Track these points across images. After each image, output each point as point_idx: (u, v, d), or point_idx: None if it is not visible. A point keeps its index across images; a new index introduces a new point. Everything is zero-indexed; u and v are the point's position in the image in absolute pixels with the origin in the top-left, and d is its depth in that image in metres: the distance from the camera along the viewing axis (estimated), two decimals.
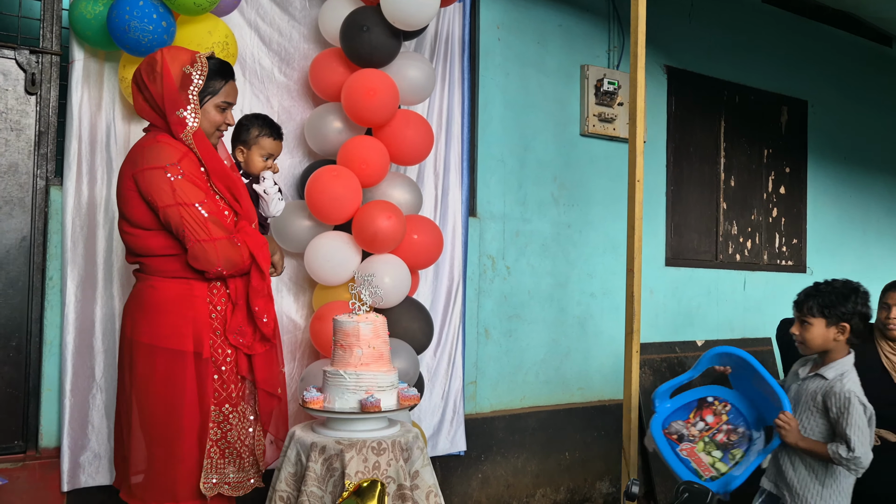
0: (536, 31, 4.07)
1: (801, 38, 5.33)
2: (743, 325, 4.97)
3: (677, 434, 2.49)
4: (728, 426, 2.44)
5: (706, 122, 4.86)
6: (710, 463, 2.43)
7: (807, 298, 2.34)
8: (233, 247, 2.22)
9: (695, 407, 2.54)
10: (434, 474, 2.40)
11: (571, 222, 4.19)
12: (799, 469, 2.29)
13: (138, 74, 2.27)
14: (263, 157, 2.67)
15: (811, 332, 2.31)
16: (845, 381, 2.27)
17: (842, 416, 2.23)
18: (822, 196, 5.51)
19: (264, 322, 2.29)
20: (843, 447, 2.23)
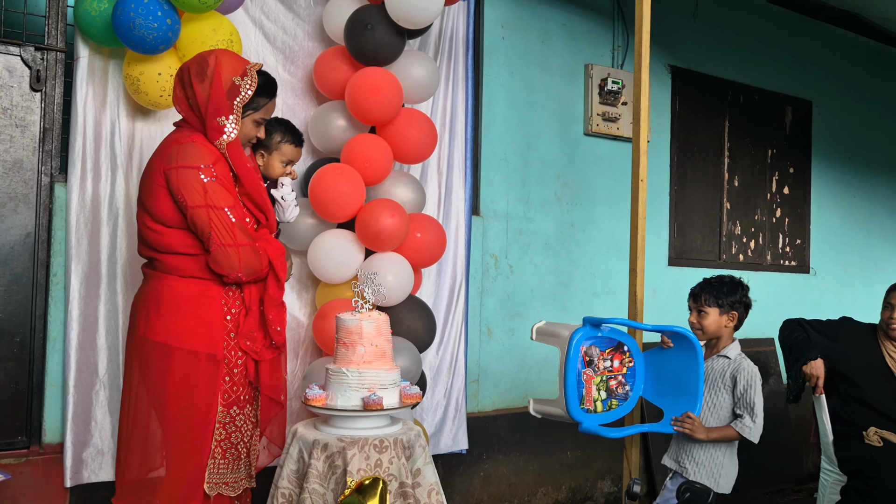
0: (540, 30, 4.07)
1: (806, 37, 5.32)
2: (746, 325, 4.91)
3: (590, 357, 2.55)
4: (622, 378, 2.59)
5: (710, 121, 4.85)
6: (594, 399, 2.54)
7: (702, 291, 2.65)
8: (255, 254, 2.23)
9: (613, 346, 2.60)
10: (436, 472, 2.40)
11: (575, 221, 4.19)
12: (705, 443, 2.55)
13: (186, 71, 2.27)
14: (283, 162, 2.67)
15: (707, 319, 2.61)
16: (745, 360, 2.57)
17: (749, 388, 2.52)
18: (826, 196, 5.49)
19: (277, 331, 2.30)
20: (747, 418, 2.51)
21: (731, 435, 2.53)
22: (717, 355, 2.62)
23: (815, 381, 3.05)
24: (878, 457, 2.93)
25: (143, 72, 2.63)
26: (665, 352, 2.64)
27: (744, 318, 2.66)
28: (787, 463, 4.76)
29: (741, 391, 2.53)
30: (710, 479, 2.55)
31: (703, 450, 2.56)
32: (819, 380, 3.05)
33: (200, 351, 2.22)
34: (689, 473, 2.58)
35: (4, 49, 2.71)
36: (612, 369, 2.59)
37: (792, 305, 5.11)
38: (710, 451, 2.55)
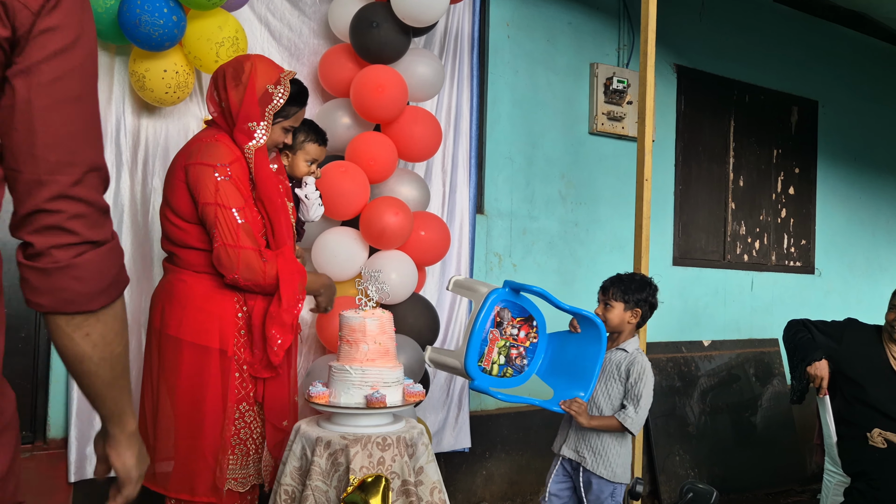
0: (546, 29, 4.06)
1: (813, 37, 5.30)
2: (750, 326, 4.95)
3: (500, 319, 2.56)
4: (523, 351, 2.61)
5: (715, 121, 4.84)
6: (493, 361, 2.55)
7: (612, 285, 2.69)
8: (256, 259, 2.21)
9: (525, 316, 2.62)
10: (438, 470, 2.40)
11: (579, 220, 4.18)
12: (601, 433, 2.59)
13: (222, 74, 2.30)
14: (308, 161, 2.65)
15: (612, 313, 2.66)
16: (642, 355, 2.64)
17: (640, 380, 2.57)
18: (832, 197, 5.48)
19: (274, 350, 2.28)
20: (630, 409, 2.54)
21: (612, 424, 2.55)
22: (616, 348, 2.66)
23: (819, 382, 3.05)
24: (882, 458, 2.92)
25: (149, 69, 2.63)
26: (567, 336, 2.67)
27: (647, 316, 2.70)
28: (791, 464, 4.75)
29: (632, 383, 2.57)
30: (607, 468, 2.57)
31: (600, 440, 2.58)
32: (823, 381, 3.04)
33: (211, 346, 2.24)
34: (587, 463, 2.59)
35: None
36: (518, 338, 2.60)
37: (796, 306, 5.10)
38: (606, 441, 2.58)
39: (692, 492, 2.58)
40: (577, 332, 2.64)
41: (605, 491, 2.58)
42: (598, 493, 2.58)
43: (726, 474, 4.42)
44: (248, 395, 2.33)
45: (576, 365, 2.60)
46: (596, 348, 2.57)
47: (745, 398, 4.71)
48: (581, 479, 2.63)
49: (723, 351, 4.72)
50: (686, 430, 4.39)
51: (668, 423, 4.35)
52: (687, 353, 4.58)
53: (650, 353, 4.29)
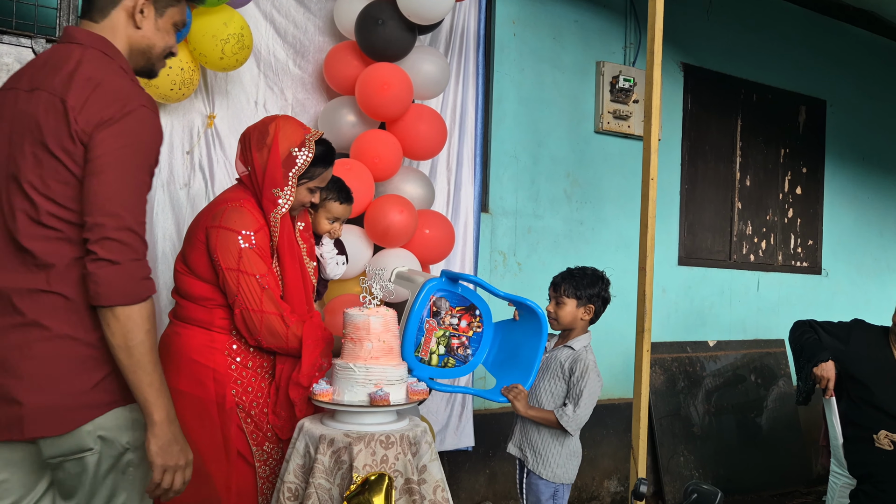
0: (552, 27, 4.05)
1: (821, 36, 5.27)
2: (756, 326, 4.93)
3: (437, 309, 2.52)
4: (466, 341, 2.57)
5: (722, 120, 4.81)
6: (431, 351, 2.51)
7: (563, 281, 2.61)
8: (279, 324, 2.22)
9: (466, 306, 2.58)
10: (442, 469, 2.39)
11: (584, 219, 4.17)
12: (542, 433, 2.55)
13: (248, 136, 2.29)
14: (330, 220, 2.61)
15: (564, 310, 2.60)
16: (589, 353, 2.57)
17: (581, 379, 2.52)
18: (839, 197, 5.44)
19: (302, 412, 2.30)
20: (570, 407, 2.50)
21: (549, 419, 2.51)
22: (564, 345, 2.61)
23: (826, 384, 3.03)
24: (889, 460, 2.90)
25: None
26: (512, 325, 2.61)
27: (601, 312, 2.63)
28: (797, 465, 4.73)
29: (574, 381, 2.53)
30: (546, 468, 2.54)
31: (540, 438, 2.56)
32: (829, 382, 3.02)
33: (208, 398, 2.24)
34: (529, 462, 2.57)
35: (16, 41, 2.71)
36: (459, 328, 2.56)
37: (803, 307, 5.07)
38: (546, 440, 2.55)
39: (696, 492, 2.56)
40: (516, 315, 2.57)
41: (544, 492, 2.54)
42: (538, 494, 2.55)
43: (731, 475, 4.41)
44: (268, 436, 2.33)
45: (519, 353, 2.55)
46: (537, 338, 2.50)
47: (751, 399, 4.69)
48: (524, 479, 2.60)
49: (728, 351, 4.70)
50: (691, 431, 4.38)
51: (673, 424, 4.33)
52: (692, 353, 4.57)
53: (655, 353, 4.27)
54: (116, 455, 1.57)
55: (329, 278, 2.68)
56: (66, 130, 1.47)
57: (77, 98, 1.49)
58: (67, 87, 1.50)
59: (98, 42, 1.58)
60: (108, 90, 1.52)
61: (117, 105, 1.49)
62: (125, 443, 1.57)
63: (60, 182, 1.49)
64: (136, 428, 1.58)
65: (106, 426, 1.54)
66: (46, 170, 1.49)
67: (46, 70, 1.56)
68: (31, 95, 1.54)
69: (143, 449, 1.57)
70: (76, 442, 1.52)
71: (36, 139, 1.50)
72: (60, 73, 1.53)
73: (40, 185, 1.49)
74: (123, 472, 1.59)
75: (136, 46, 1.65)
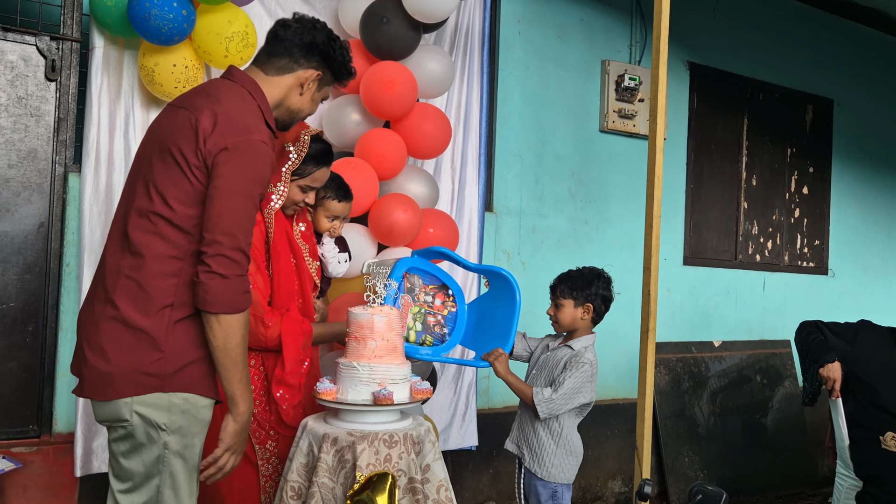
0: (557, 26, 4.03)
1: (828, 34, 5.24)
2: (762, 327, 4.90)
3: (411, 285, 2.53)
4: (441, 319, 2.58)
5: (728, 119, 4.79)
6: (409, 327, 2.52)
7: (559, 283, 2.60)
8: (256, 327, 2.20)
9: (439, 284, 2.59)
10: (445, 468, 2.38)
11: (588, 219, 4.15)
12: (538, 431, 2.54)
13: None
14: (329, 218, 2.59)
15: (563, 312, 2.58)
16: (589, 353, 2.55)
17: (568, 369, 2.50)
18: (846, 197, 5.41)
19: (284, 409, 2.27)
20: (549, 390, 2.48)
21: (525, 392, 2.50)
22: (564, 345, 2.60)
23: (832, 385, 3.01)
24: (895, 462, 2.88)
25: (158, 63, 2.63)
26: (484, 298, 2.64)
27: (602, 310, 2.60)
28: (802, 467, 4.71)
29: (563, 369, 2.51)
30: (541, 467, 2.54)
31: (536, 437, 2.55)
32: (836, 383, 3.00)
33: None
34: (525, 460, 2.57)
35: (20, 38, 2.71)
36: (433, 306, 2.58)
37: (809, 307, 5.04)
38: (543, 438, 2.54)
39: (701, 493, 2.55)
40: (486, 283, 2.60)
41: (542, 493, 2.53)
42: (537, 495, 2.54)
43: (736, 476, 4.39)
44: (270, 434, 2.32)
45: (496, 323, 2.57)
46: (511, 303, 2.53)
47: (756, 400, 4.66)
48: (522, 479, 2.59)
49: (734, 352, 4.68)
50: (695, 432, 4.36)
51: (678, 424, 4.31)
52: (697, 353, 4.55)
53: (659, 353, 4.26)
54: (153, 433, 1.73)
55: (333, 276, 2.68)
56: (193, 146, 1.73)
57: (208, 122, 1.75)
58: (203, 111, 1.76)
59: (248, 83, 1.89)
60: (236, 121, 1.77)
61: (240, 136, 1.75)
62: (162, 423, 1.73)
63: (172, 184, 1.73)
64: (174, 412, 1.74)
65: (145, 403, 1.72)
66: (166, 172, 1.74)
67: (197, 94, 1.85)
68: (177, 111, 1.81)
69: (183, 439, 1.76)
70: (115, 410, 1.72)
71: (166, 146, 1.76)
72: (205, 98, 1.81)
73: (158, 183, 1.74)
74: (160, 457, 1.75)
75: (291, 107, 1.98)
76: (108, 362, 1.71)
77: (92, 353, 1.73)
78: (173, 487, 1.77)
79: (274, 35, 1.98)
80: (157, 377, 1.72)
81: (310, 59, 1.96)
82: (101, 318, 1.73)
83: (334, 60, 2.01)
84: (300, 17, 2.04)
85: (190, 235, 1.74)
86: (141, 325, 1.70)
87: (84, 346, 1.76)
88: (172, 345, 1.73)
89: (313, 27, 2.00)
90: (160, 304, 1.72)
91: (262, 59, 1.97)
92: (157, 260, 1.72)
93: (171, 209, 1.73)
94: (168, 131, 1.79)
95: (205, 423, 1.83)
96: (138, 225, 1.74)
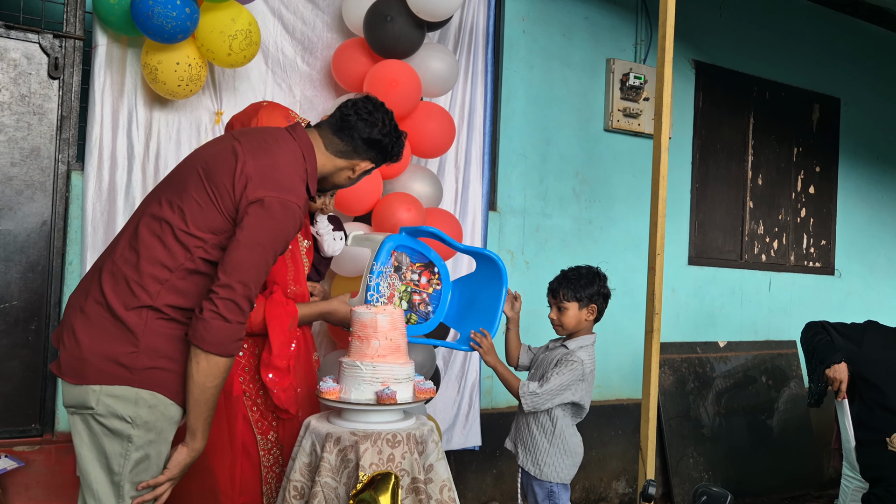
0: (562, 24, 4.01)
1: (836, 33, 5.21)
2: (767, 327, 4.88)
3: (398, 264, 2.52)
4: (427, 297, 2.57)
5: (734, 118, 4.77)
6: (395, 304, 2.51)
7: (560, 286, 2.55)
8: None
9: (426, 262, 2.58)
10: (448, 468, 2.37)
11: (593, 218, 4.13)
12: (532, 428, 2.52)
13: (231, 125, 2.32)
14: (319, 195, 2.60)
15: (567, 315, 2.53)
16: (582, 353, 2.50)
17: (558, 366, 2.47)
18: (853, 196, 5.38)
19: (275, 393, 2.26)
20: (534, 384, 2.46)
21: (511, 382, 2.49)
22: (560, 345, 2.57)
23: (838, 386, 2.99)
24: None
25: (162, 61, 2.62)
26: (470, 279, 2.62)
27: (604, 309, 2.56)
28: (808, 468, 4.68)
29: (554, 366, 2.49)
30: (534, 465, 2.53)
31: (530, 434, 2.54)
32: (842, 384, 2.98)
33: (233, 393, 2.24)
34: (519, 458, 2.56)
35: (23, 36, 2.71)
36: (419, 284, 2.57)
37: (815, 308, 5.01)
38: (536, 436, 2.53)
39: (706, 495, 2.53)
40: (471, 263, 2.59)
41: (539, 492, 2.52)
42: (534, 494, 2.53)
43: (741, 478, 4.36)
44: (272, 425, 2.32)
45: (481, 305, 2.55)
46: (497, 285, 2.52)
47: (762, 400, 4.64)
48: (520, 478, 2.58)
49: (739, 352, 4.65)
50: (700, 433, 4.34)
51: (682, 425, 4.29)
52: (702, 353, 4.53)
53: (664, 353, 4.24)
54: (117, 424, 1.76)
55: (329, 255, 2.66)
56: (231, 182, 1.80)
57: (253, 167, 1.82)
58: (255, 155, 1.85)
59: (306, 146, 1.95)
60: (280, 177, 1.84)
61: (278, 192, 1.81)
62: (127, 416, 1.75)
63: (197, 204, 1.80)
64: (141, 406, 1.76)
65: (113, 394, 1.75)
66: (196, 192, 1.81)
67: (257, 136, 1.92)
68: (230, 142, 1.88)
69: (148, 434, 1.78)
70: (82, 396, 1.75)
71: (207, 170, 1.83)
72: (259, 143, 1.89)
73: (184, 198, 1.81)
74: (124, 450, 1.77)
75: (336, 183, 2.07)
76: (85, 347, 1.74)
77: (72, 335, 1.77)
78: (134, 483, 1.79)
79: (344, 119, 2.00)
80: (127, 369, 1.75)
81: (370, 151, 2.03)
82: (88, 302, 1.78)
83: (391, 156, 2.10)
84: (376, 104, 2.05)
85: (189, 254, 1.79)
86: (122, 316, 1.75)
87: (66, 326, 1.79)
88: (148, 342, 1.76)
89: (383, 123, 2.03)
90: (140, 303, 1.76)
91: (326, 132, 2.01)
92: (151, 263, 1.77)
93: (185, 224, 1.79)
94: (214, 157, 1.85)
95: (173, 422, 1.84)
96: (148, 225, 1.81)
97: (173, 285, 1.78)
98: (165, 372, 1.79)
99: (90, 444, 1.79)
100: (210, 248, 1.81)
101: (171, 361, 1.80)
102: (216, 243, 1.82)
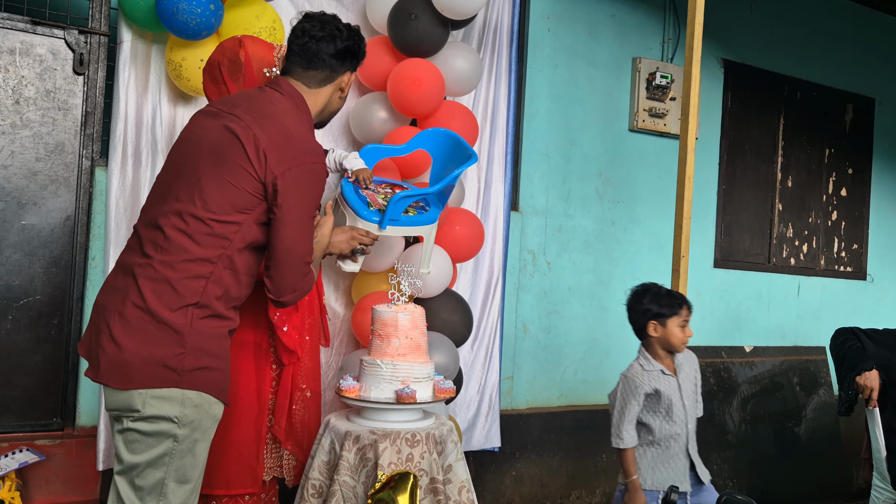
0: (588, 22, 3.96)
1: (870, 31, 5.08)
2: (795, 333, 4.77)
3: (363, 185, 2.53)
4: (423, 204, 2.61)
5: (764, 118, 4.67)
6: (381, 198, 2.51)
7: (685, 300, 2.63)
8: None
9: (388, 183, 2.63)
10: (467, 469, 2.35)
11: (616, 219, 4.08)
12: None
13: (216, 67, 2.27)
14: None
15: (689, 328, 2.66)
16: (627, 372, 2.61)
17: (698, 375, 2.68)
18: (887, 200, 5.25)
19: (284, 331, 2.29)
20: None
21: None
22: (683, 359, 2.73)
23: (869, 394, 2.92)
24: None
25: (186, 57, 2.63)
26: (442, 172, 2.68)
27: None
28: (837, 478, 4.57)
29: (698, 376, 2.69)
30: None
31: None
32: (873, 392, 2.91)
33: (246, 340, 2.27)
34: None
35: (49, 32, 2.73)
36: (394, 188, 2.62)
37: (846, 313, 4.90)
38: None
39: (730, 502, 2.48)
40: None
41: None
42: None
43: (766, 486, 4.27)
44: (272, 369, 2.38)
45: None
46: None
47: (789, 408, 4.54)
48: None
49: (765, 357, 4.56)
50: (725, 439, 4.26)
51: (707, 431, 4.21)
52: (727, 358, 4.44)
53: None
54: (164, 425, 1.74)
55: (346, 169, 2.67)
56: (246, 159, 1.79)
57: (269, 142, 1.81)
58: (264, 127, 1.83)
59: (297, 97, 1.95)
60: (297, 141, 1.86)
61: (303, 158, 1.84)
62: (174, 416, 1.74)
63: (220, 191, 1.79)
64: (187, 406, 1.76)
65: (160, 396, 1.73)
66: (215, 180, 1.79)
67: (248, 104, 1.89)
68: (225, 119, 1.85)
69: (193, 433, 1.77)
70: (128, 400, 1.73)
71: (216, 155, 1.81)
72: (261, 111, 1.86)
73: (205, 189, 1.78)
74: (169, 451, 1.75)
75: (332, 110, 2.08)
76: (128, 351, 1.72)
77: (111, 340, 1.74)
78: (178, 481, 1.78)
79: (306, 49, 1.99)
80: (175, 371, 1.74)
81: (345, 63, 2.04)
82: (127, 307, 1.74)
83: (361, 54, 2.10)
84: (321, 19, 2.03)
85: (227, 241, 1.79)
86: (166, 318, 1.73)
87: (103, 332, 1.76)
88: (194, 342, 1.75)
89: (338, 29, 2.03)
90: (185, 302, 1.75)
91: (299, 73, 2.00)
92: (189, 261, 1.76)
93: (213, 214, 1.78)
94: (218, 140, 1.83)
95: (215, 419, 1.84)
96: (174, 224, 1.78)
97: (218, 277, 1.78)
98: (212, 371, 1.79)
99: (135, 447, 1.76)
100: (248, 227, 1.81)
101: (217, 360, 1.80)
102: (253, 219, 1.81)
